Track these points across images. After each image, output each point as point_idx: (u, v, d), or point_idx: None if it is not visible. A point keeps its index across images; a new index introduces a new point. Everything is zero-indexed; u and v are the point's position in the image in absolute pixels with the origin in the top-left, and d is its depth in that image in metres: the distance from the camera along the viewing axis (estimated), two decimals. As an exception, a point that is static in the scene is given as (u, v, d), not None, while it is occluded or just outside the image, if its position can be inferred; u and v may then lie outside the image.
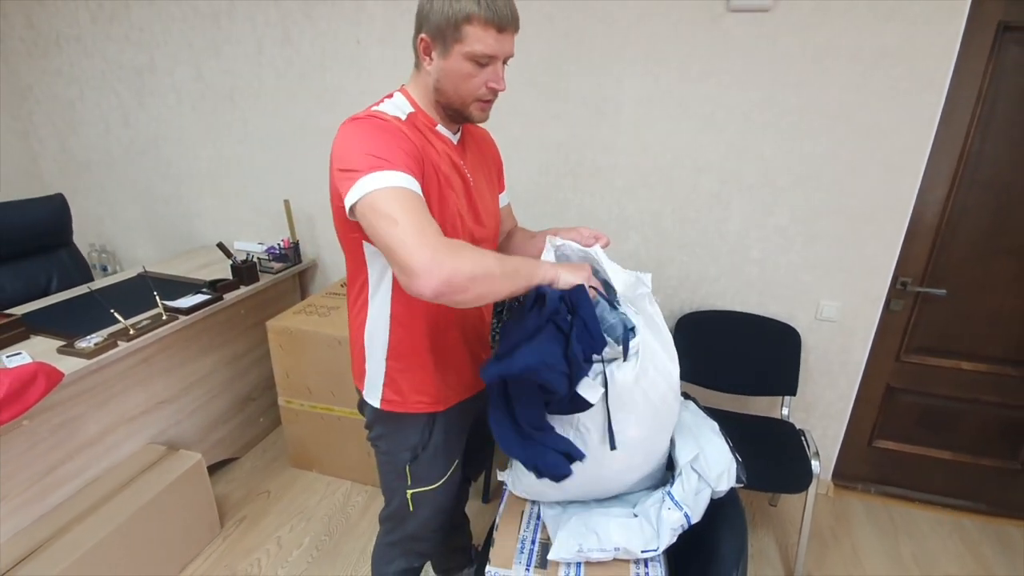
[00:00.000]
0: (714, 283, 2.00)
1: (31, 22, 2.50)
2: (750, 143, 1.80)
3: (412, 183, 0.84)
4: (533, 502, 1.20)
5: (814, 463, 1.68)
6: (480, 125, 1.09)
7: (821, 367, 2.00)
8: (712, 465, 1.08)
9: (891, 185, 1.73)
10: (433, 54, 0.93)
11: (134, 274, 2.17)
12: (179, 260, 2.43)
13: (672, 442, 1.13)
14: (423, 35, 0.92)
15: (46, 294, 2.02)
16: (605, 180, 1.98)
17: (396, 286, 1.01)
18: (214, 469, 2.14)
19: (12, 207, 2.00)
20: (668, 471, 1.16)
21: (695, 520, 1.06)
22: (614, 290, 1.02)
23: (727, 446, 1.13)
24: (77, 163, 2.73)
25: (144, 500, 1.58)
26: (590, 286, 0.95)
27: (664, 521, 1.04)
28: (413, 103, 0.99)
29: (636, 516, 1.08)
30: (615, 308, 1.01)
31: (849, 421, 2.06)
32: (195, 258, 2.44)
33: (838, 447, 2.10)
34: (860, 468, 2.16)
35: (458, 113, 0.99)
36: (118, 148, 2.63)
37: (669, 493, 1.06)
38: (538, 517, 1.16)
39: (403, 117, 0.95)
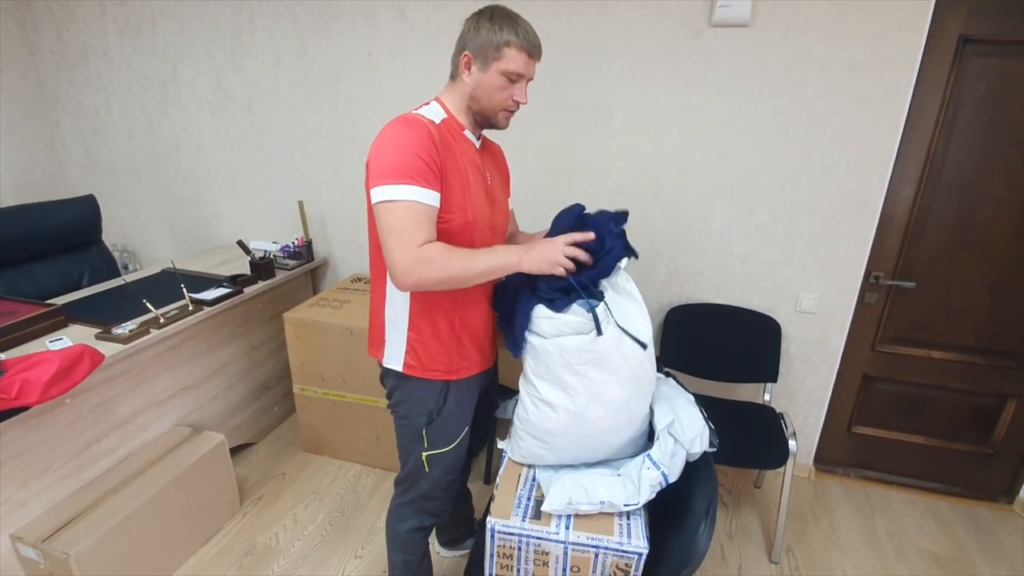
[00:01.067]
0: (700, 277, 2.14)
1: (61, 36, 2.67)
2: (732, 147, 1.95)
3: (423, 195, 1.05)
4: (529, 467, 1.33)
5: (791, 442, 1.81)
6: (493, 140, 1.33)
7: (802, 356, 2.13)
8: (687, 429, 1.21)
9: (861, 185, 1.87)
10: (473, 68, 1.14)
11: (159, 270, 2.32)
12: (200, 258, 2.58)
13: (652, 411, 1.26)
14: (467, 52, 1.14)
15: (79, 287, 2.17)
16: (599, 181, 2.13)
17: None
18: (232, 453, 2.26)
19: (48, 207, 2.16)
20: (649, 441, 1.30)
21: (672, 479, 1.19)
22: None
23: (700, 414, 1.26)
24: (101, 167, 2.90)
25: (171, 477, 1.72)
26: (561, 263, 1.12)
27: (644, 479, 1.18)
28: (447, 110, 1.19)
29: (619, 475, 1.22)
30: (585, 294, 1.16)
31: (829, 408, 2.20)
32: (215, 256, 2.59)
33: (819, 432, 2.23)
34: (840, 453, 2.28)
35: (486, 120, 1.20)
36: (141, 153, 2.79)
37: (648, 455, 1.20)
38: (533, 479, 1.30)
39: (437, 122, 1.14)
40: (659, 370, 1.48)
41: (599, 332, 1.11)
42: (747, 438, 1.86)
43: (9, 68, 2.67)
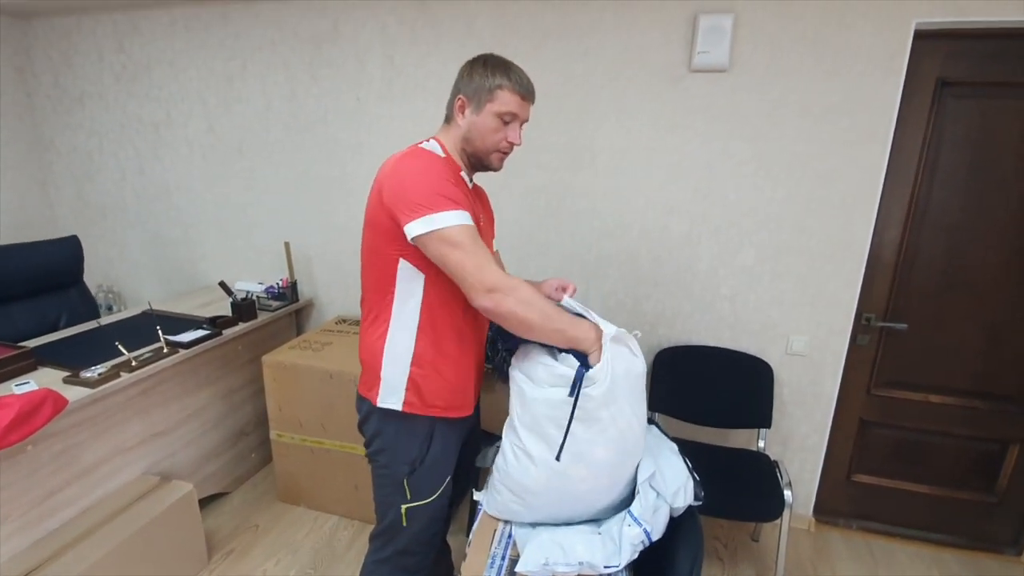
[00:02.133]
0: (688, 319, 2.10)
1: (58, 81, 2.73)
2: (715, 188, 1.95)
3: (468, 218, 1.07)
4: (506, 523, 1.26)
5: (787, 492, 1.73)
6: (478, 184, 1.34)
7: (795, 400, 2.07)
8: (669, 482, 1.15)
9: (846, 226, 1.86)
10: (467, 111, 1.17)
11: (139, 311, 2.28)
12: (183, 299, 2.55)
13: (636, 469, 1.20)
14: (461, 95, 1.17)
15: (55, 329, 2.13)
16: (584, 222, 2.12)
17: (426, 301, 1.17)
18: (205, 503, 2.18)
19: (30, 248, 2.14)
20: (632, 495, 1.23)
21: (656, 536, 1.12)
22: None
23: (684, 465, 1.20)
24: (92, 209, 2.91)
25: (134, 529, 1.63)
26: None
27: (625, 537, 1.10)
28: (444, 150, 1.20)
29: (600, 533, 1.14)
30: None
31: (826, 455, 2.11)
32: (198, 297, 2.56)
33: (817, 481, 2.14)
34: (840, 503, 2.18)
35: (480, 161, 1.21)
36: (132, 195, 2.80)
37: (629, 511, 1.13)
38: (509, 536, 1.22)
39: (442, 157, 1.17)
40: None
41: (570, 393, 1.06)
42: (740, 488, 1.77)
43: (7, 112, 2.72)
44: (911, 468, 2.08)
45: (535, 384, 1.14)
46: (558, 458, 1.09)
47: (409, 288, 1.16)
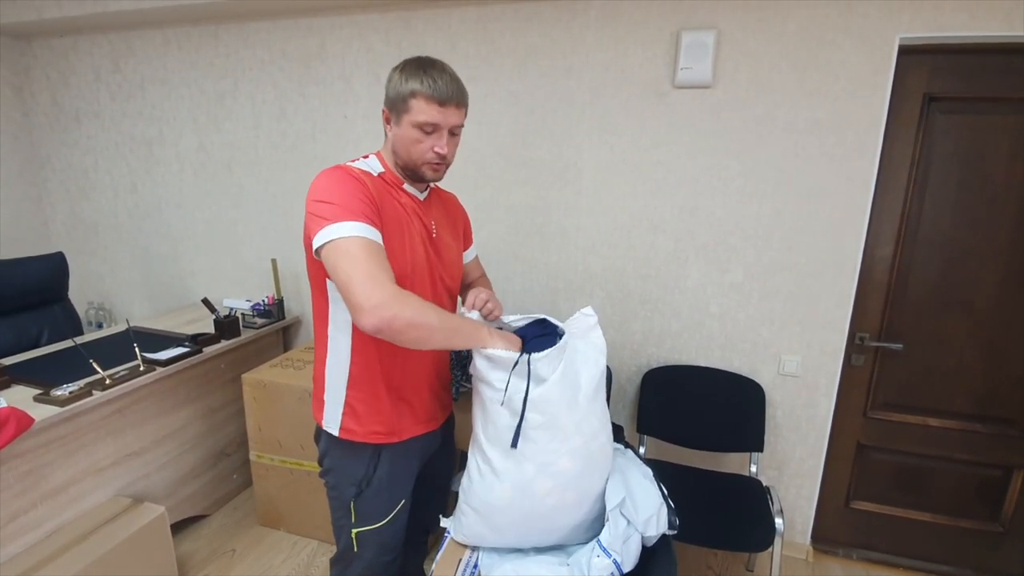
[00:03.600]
0: (677, 338, 2.05)
1: (55, 100, 2.77)
2: (701, 205, 1.91)
3: (371, 232, 0.99)
4: (473, 550, 1.20)
5: (778, 520, 1.65)
6: (448, 190, 1.31)
7: (789, 423, 2.00)
8: (640, 509, 1.09)
9: (836, 243, 1.81)
10: (391, 122, 1.11)
11: (121, 329, 2.26)
12: (168, 316, 2.53)
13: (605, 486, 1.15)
14: (384, 108, 1.12)
15: (36, 346, 2.11)
16: (570, 240, 2.09)
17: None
18: (183, 526, 2.13)
19: (13, 264, 2.13)
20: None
21: (627, 568, 1.06)
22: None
23: (658, 491, 1.14)
24: (85, 226, 2.92)
25: (100, 553, 1.57)
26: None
27: (594, 569, 1.04)
28: (384, 164, 1.16)
29: (568, 564, 1.08)
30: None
31: (823, 480, 2.03)
32: (184, 314, 2.54)
33: (814, 508, 2.06)
34: (839, 531, 2.09)
35: (414, 173, 1.13)
36: (124, 212, 2.81)
37: (598, 540, 1.07)
38: (475, 565, 1.16)
39: (373, 174, 1.11)
40: (619, 440, 1.37)
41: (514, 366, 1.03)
42: (728, 515, 1.70)
43: (4, 131, 2.75)
44: (912, 495, 1.99)
45: (493, 388, 1.09)
46: (514, 444, 1.05)
47: (340, 307, 1.10)
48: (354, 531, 1.19)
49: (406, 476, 1.23)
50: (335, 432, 1.18)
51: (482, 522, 1.15)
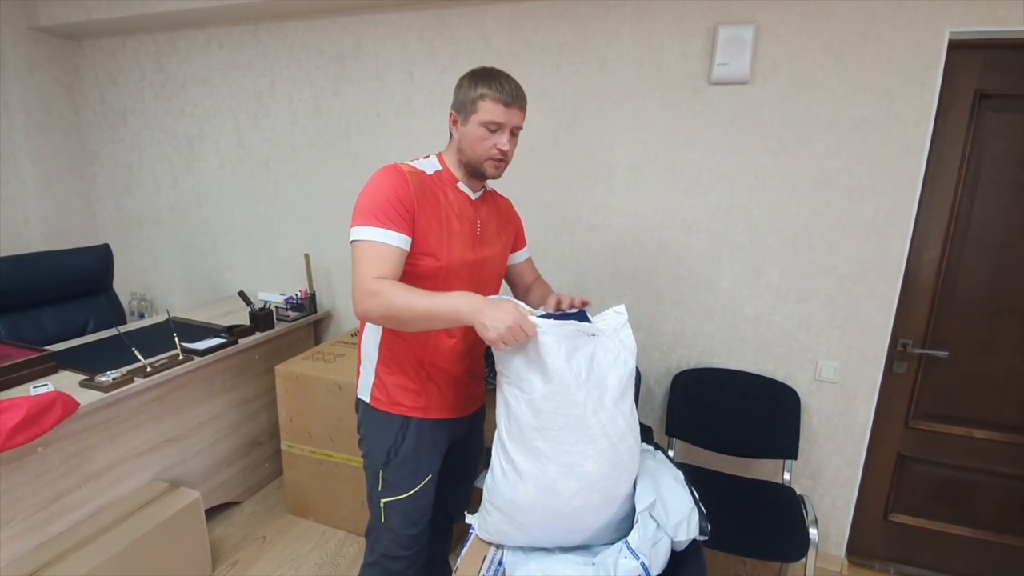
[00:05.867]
0: (709, 340, 2.00)
1: (103, 98, 2.88)
2: (737, 204, 1.87)
3: (386, 235, 1.10)
4: (497, 547, 1.20)
5: (812, 531, 1.60)
6: (503, 195, 1.43)
7: (825, 431, 1.94)
8: (671, 513, 1.07)
9: (879, 245, 1.74)
10: (458, 123, 1.22)
11: (162, 319, 2.34)
12: (206, 308, 2.61)
13: (633, 488, 1.13)
14: (452, 111, 1.22)
15: (82, 334, 2.20)
16: (600, 239, 2.07)
17: None
18: (216, 512, 2.19)
19: (62, 255, 2.23)
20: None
21: (655, 572, 1.04)
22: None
23: (690, 495, 1.12)
24: (129, 220, 3.03)
25: (137, 535, 1.63)
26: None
27: (620, 570, 1.03)
28: (443, 163, 1.26)
29: (594, 564, 1.07)
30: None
31: (860, 491, 1.96)
32: (221, 306, 2.61)
33: (850, 519, 1.98)
34: (876, 544, 2.02)
35: (476, 170, 1.22)
36: (166, 207, 2.91)
37: (626, 542, 1.05)
38: (500, 562, 1.16)
39: (428, 172, 1.21)
40: (648, 442, 1.35)
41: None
42: (761, 524, 1.66)
43: (56, 128, 2.87)
44: (954, 509, 1.91)
45: (519, 389, 1.08)
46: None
47: None
48: (382, 501, 1.27)
49: (432, 453, 1.29)
50: (367, 399, 1.29)
51: (506, 521, 1.14)
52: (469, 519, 1.25)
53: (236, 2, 2.20)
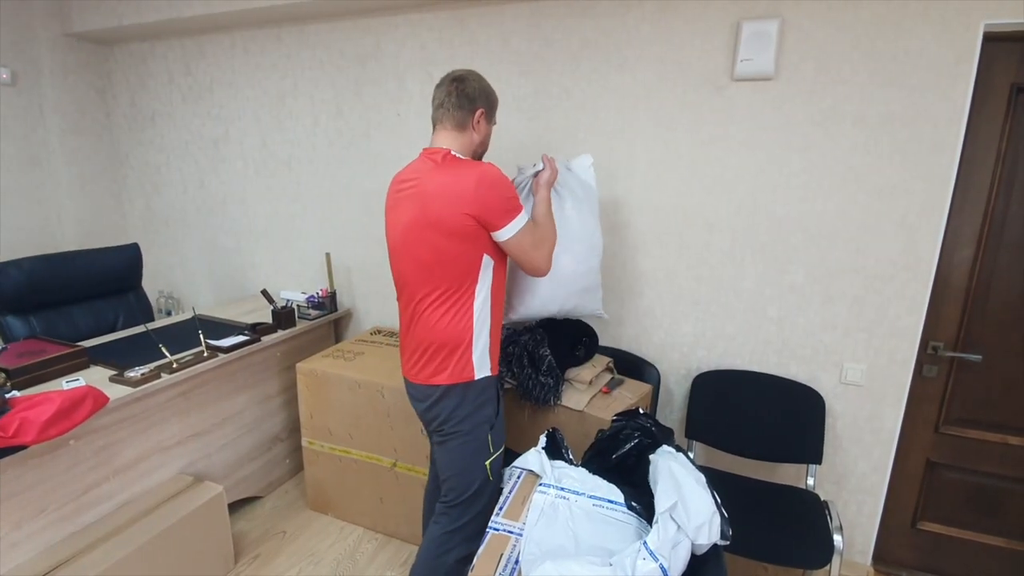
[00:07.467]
0: (731, 341, 1.97)
1: (134, 101, 2.96)
2: (760, 202, 1.83)
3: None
4: (513, 546, 1.20)
5: (836, 537, 1.56)
6: None
7: (851, 435, 1.89)
8: (692, 515, 1.05)
9: (909, 245, 1.69)
10: (483, 121, 1.38)
11: (188, 317, 2.40)
12: (230, 306, 2.66)
13: (653, 491, 1.11)
14: (482, 108, 1.37)
15: (113, 330, 2.26)
16: (620, 238, 2.05)
17: (495, 282, 1.38)
18: (238, 506, 2.23)
19: (93, 254, 2.30)
20: (647, 522, 1.14)
21: (674, 575, 1.02)
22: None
23: (711, 499, 1.10)
24: (157, 219, 3.11)
25: (162, 528, 1.67)
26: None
27: (639, 572, 1.02)
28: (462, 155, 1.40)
29: (611, 564, 1.06)
30: None
31: (887, 498, 1.91)
32: (245, 304, 2.66)
33: (876, 526, 1.93)
34: (904, 552, 1.96)
35: (481, 158, 1.47)
36: (192, 207, 2.98)
37: (644, 543, 1.04)
38: (516, 562, 1.16)
39: None
40: (671, 444, 1.33)
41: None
42: (784, 529, 1.62)
43: (89, 131, 2.97)
44: (986, 518, 1.84)
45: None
46: None
47: (486, 274, 1.35)
48: (488, 462, 1.39)
49: None
50: (489, 372, 1.39)
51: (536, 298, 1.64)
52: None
53: (260, 5, 2.23)
